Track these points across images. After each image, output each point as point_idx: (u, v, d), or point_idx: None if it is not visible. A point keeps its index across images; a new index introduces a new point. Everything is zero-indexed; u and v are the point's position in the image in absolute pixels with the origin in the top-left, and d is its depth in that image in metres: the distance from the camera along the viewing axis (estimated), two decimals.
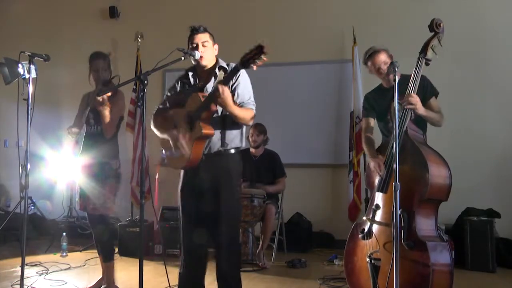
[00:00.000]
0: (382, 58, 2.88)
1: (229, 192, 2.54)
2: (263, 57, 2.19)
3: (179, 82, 2.68)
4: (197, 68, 2.63)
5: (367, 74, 4.81)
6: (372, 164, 2.82)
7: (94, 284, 3.29)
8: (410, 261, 2.39)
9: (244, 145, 2.66)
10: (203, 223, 2.54)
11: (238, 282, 2.57)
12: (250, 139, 4.56)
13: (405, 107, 2.60)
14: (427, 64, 2.64)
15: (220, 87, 2.31)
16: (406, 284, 2.26)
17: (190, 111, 2.48)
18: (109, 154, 3.22)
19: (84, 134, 3.34)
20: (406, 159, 2.53)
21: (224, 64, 2.61)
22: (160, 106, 2.72)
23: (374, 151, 2.88)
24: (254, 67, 2.23)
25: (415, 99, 2.60)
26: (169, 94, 2.71)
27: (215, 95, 2.34)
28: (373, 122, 3.06)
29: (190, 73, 2.64)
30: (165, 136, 2.62)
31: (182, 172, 2.66)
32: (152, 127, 2.69)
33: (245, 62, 2.24)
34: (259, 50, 2.19)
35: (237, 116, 2.45)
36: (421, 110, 2.64)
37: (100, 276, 3.33)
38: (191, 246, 2.57)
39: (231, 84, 2.49)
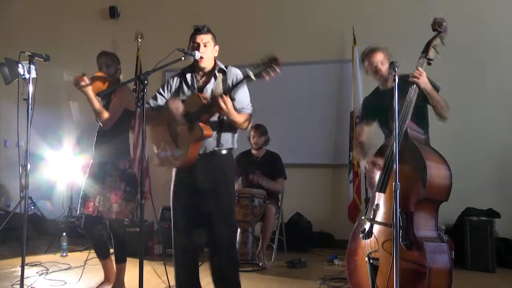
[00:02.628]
0: (379, 57, 2.86)
1: (225, 192, 2.55)
2: (277, 68, 2.22)
3: (175, 80, 2.65)
4: (195, 68, 2.61)
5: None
6: (364, 164, 2.82)
7: None
8: (407, 261, 2.37)
9: (236, 146, 2.67)
10: (198, 223, 2.53)
11: (237, 282, 2.56)
12: (252, 141, 4.55)
13: (410, 79, 2.57)
14: (429, 63, 2.64)
15: (222, 101, 2.32)
16: (404, 284, 2.25)
17: (189, 111, 2.47)
18: (111, 152, 3.10)
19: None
20: (405, 159, 2.51)
21: (223, 66, 2.60)
22: (151, 102, 2.65)
23: (364, 152, 2.88)
24: (267, 78, 2.26)
25: (420, 72, 2.58)
26: (161, 90, 2.66)
27: (217, 108, 2.35)
28: (367, 129, 3.05)
29: (189, 74, 2.62)
30: (159, 132, 2.59)
31: (174, 171, 2.64)
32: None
33: (259, 73, 2.26)
34: (273, 62, 2.22)
35: (237, 122, 2.48)
36: (425, 84, 2.59)
37: (102, 279, 3.27)
38: (186, 246, 2.56)
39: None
